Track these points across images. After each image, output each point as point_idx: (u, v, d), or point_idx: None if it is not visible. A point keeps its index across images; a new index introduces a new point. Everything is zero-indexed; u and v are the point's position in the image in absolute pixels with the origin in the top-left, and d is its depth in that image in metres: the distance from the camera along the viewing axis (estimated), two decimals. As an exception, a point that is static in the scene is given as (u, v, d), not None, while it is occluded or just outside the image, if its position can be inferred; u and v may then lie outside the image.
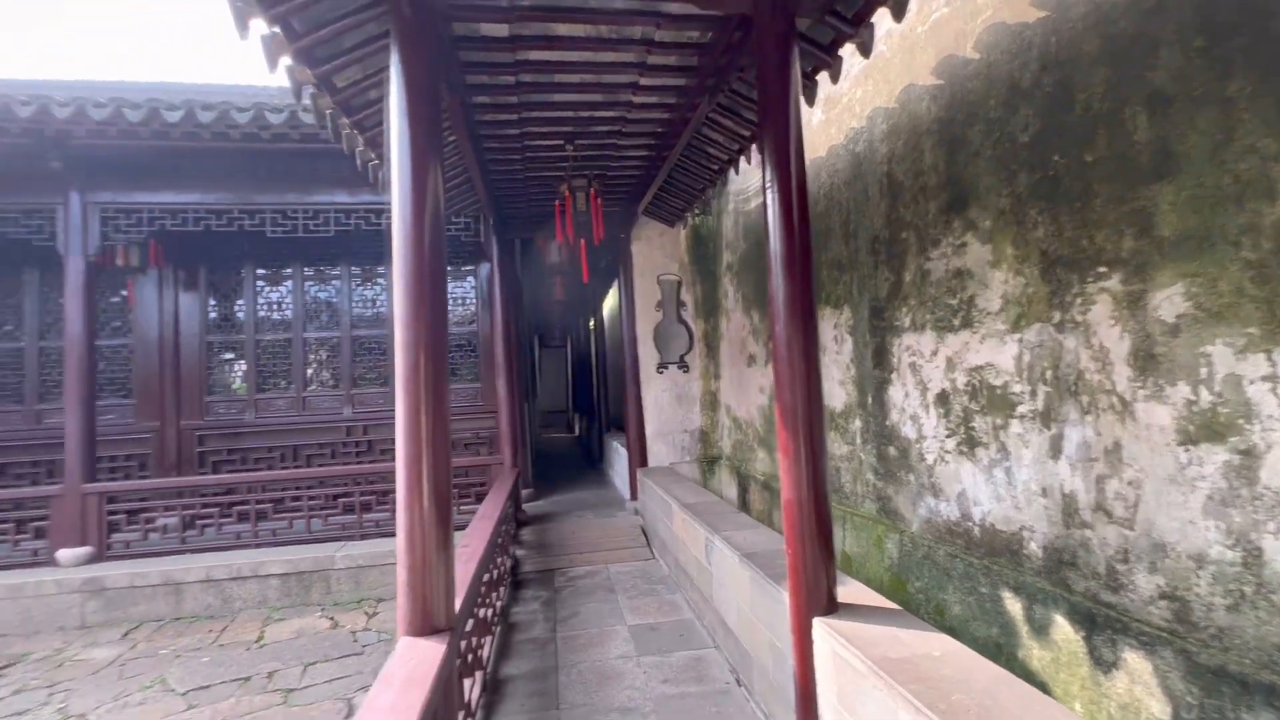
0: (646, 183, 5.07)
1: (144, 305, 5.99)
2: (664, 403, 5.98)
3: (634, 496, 5.87)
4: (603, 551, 4.86)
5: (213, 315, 6.24)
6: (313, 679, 3.48)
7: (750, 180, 4.78)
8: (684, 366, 6.05)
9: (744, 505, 5.10)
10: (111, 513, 4.79)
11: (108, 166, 4.96)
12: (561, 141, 4.01)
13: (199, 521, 4.91)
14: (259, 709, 3.19)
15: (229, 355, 6.30)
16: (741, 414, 5.29)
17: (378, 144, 3.58)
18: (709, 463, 5.89)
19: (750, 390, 5.02)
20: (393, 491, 5.23)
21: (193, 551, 4.82)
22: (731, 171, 4.29)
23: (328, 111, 2.98)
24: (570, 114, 3.67)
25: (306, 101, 2.84)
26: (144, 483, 5.19)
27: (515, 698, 2.79)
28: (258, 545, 4.91)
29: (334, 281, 6.46)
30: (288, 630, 4.19)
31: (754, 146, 3.70)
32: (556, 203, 4.07)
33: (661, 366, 5.99)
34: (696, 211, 5.82)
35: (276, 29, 2.32)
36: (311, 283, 6.43)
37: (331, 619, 4.34)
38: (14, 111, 4.16)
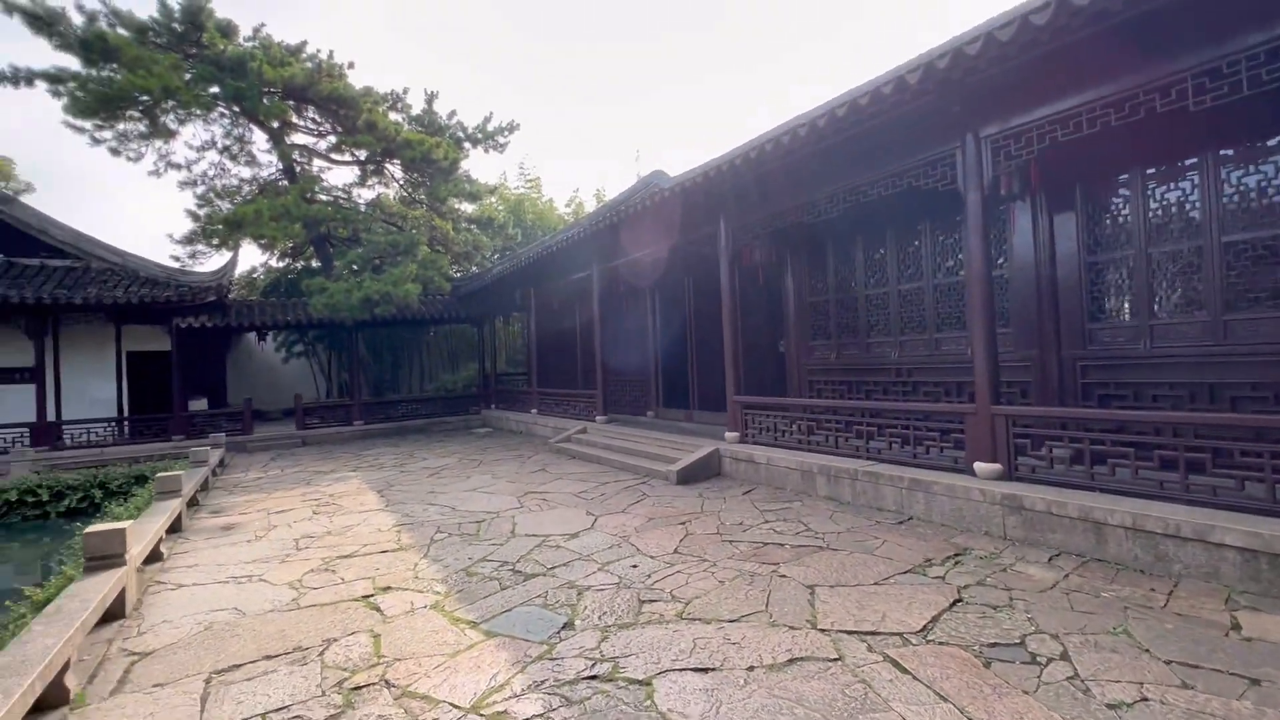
0: None
1: (1020, 233, 5.99)
2: None
3: None
4: None
5: (1087, 234, 5.60)
6: (1384, 732, 2.28)
7: None
8: None
9: None
10: (1015, 436, 4.93)
11: (991, 97, 4.97)
12: None
13: (1109, 460, 4.39)
14: (1296, 735, 2.28)
15: (1109, 275, 5.52)
16: None
17: None
18: None
19: None
20: None
21: (1101, 491, 4.37)
22: None
23: None
24: None
25: None
26: (1049, 410, 5.09)
27: None
28: (1189, 502, 3.97)
29: (1270, 160, 4.58)
30: (1277, 627, 3.08)
31: None
32: None
33: None
34: None
35: None
36: (1231, 167, 4.78)
37: (1357, 640, 2.92)
38: (935, 67, 4.63)
